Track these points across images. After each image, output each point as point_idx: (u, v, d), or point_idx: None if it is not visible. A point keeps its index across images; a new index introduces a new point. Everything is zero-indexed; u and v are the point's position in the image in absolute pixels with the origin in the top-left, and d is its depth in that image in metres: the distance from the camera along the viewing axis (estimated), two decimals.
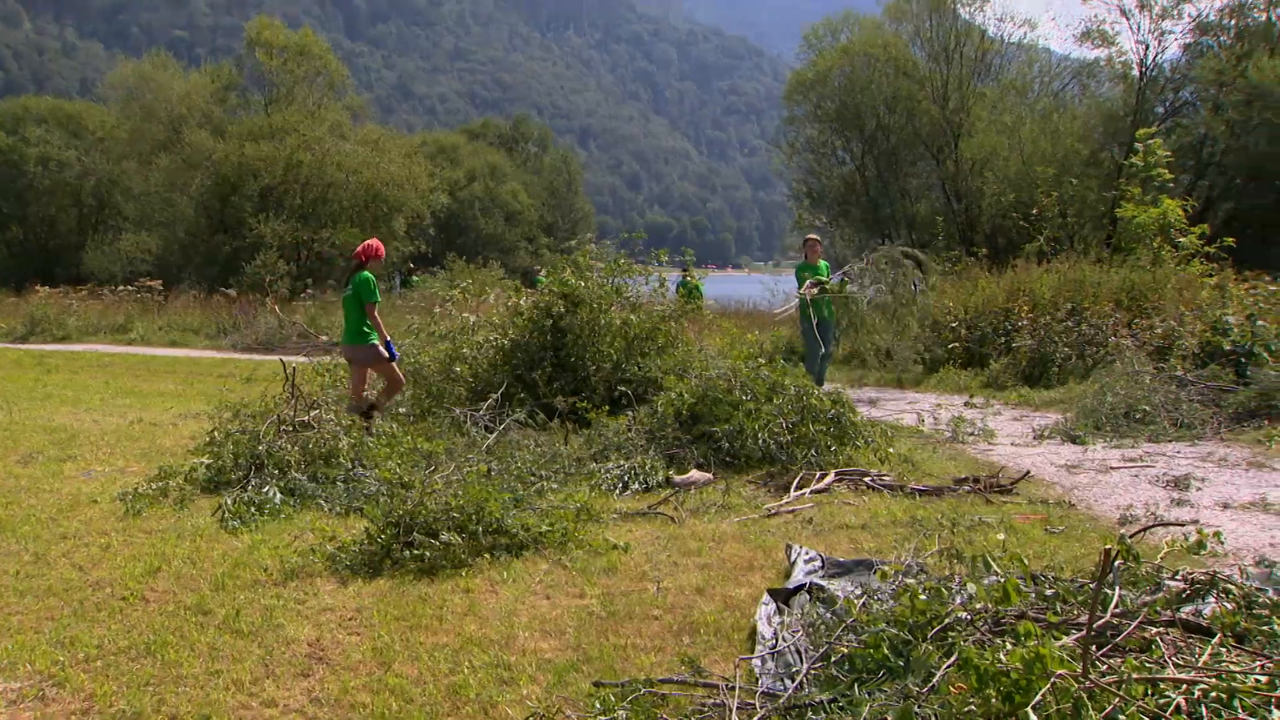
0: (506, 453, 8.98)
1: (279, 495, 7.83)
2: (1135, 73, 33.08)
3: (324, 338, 22.65)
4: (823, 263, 15.25)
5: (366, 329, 10.51)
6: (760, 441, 9.14)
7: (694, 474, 8.68)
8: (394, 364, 10.65)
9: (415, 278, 34.81)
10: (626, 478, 8.57)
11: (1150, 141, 22.39)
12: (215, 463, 8.66)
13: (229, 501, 7.67)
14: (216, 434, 9.10)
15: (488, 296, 13.85)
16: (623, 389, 10.93)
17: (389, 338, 10.65)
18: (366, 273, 10.58)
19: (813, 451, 9.17)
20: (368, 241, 10.92)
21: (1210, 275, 17.00)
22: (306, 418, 8.99)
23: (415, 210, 40.78)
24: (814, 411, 9.49)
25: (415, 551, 6.20)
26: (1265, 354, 12.66)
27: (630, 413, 10.12)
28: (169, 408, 13.97)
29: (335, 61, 43.09)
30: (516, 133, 72.93)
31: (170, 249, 39.22)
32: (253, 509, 7.57)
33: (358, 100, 48.80)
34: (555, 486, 8.22)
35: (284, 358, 12.31)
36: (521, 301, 12.33)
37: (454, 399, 11.13)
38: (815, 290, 14.50)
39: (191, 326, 27.91)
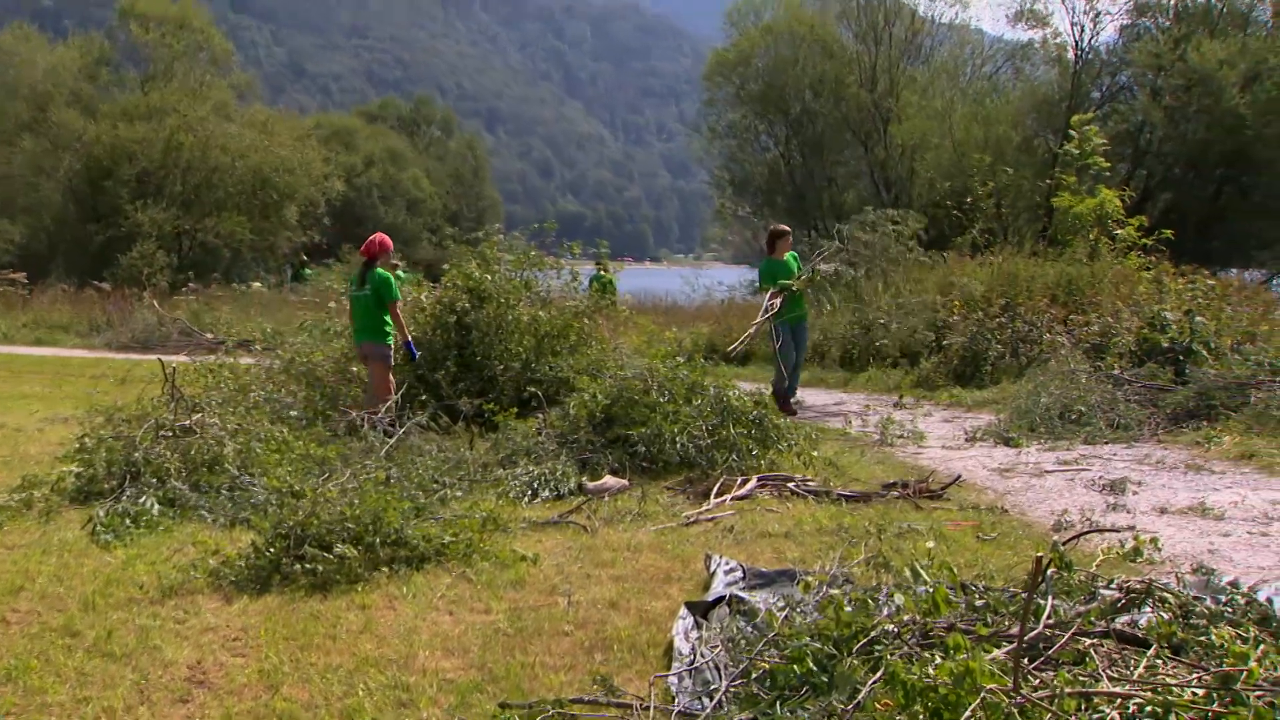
0: (407, 458, 8.90)
1: (157, 506, 7.70)
2: (1070, 55, 33.64)
3: (209, 335, 22.30)
4: (790, 255, 14.22)
5: (388, 327, 10.87)
6: (679, 445, 9.18)
7: (608, 480, 8.69)
8: (390, 373, 10.92)
9: (308, 270, 34.41)
10: (536, 484, 8.56)
11: (1086, 128, 22.82)
12: (86, 471, 8.47)
13: (101, 513, 7.52)
14: (87, 440, 8.92)
15: None
16: (532, 390, 10.91)
17: (408, 339, 11.04)
18: (381, 269, 10.92)
19: (734, 456, 9.22)
20: (374, 236, 11.30)
21: (1148, 269, 17.35)
22: (188, 422, 8.85)
23: (308, 198, 40.32)
24: (735, 413, 9.54)
25: (307, 565, 6.14)
26: (1204, 352, 12.94)
27: (540, 415, 10.10)
28: (34, 411, 13.64)
29: (219, 36, 42.45)
30: (418, 115, 72.35)
31: (36, 238, 38.28)
32: (127, 521, 7.42)
33: (244, 78, 48.09)
34: (460, 494, 8.19)
35: (163, 357, 12.09)
36: (423, 297, 12.26)
37: (350, 401, 11.03)
38: (777, 302, 13.70)
39: (60, 323, 27.28)
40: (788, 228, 14.72)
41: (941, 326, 16.97)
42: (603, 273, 20.67)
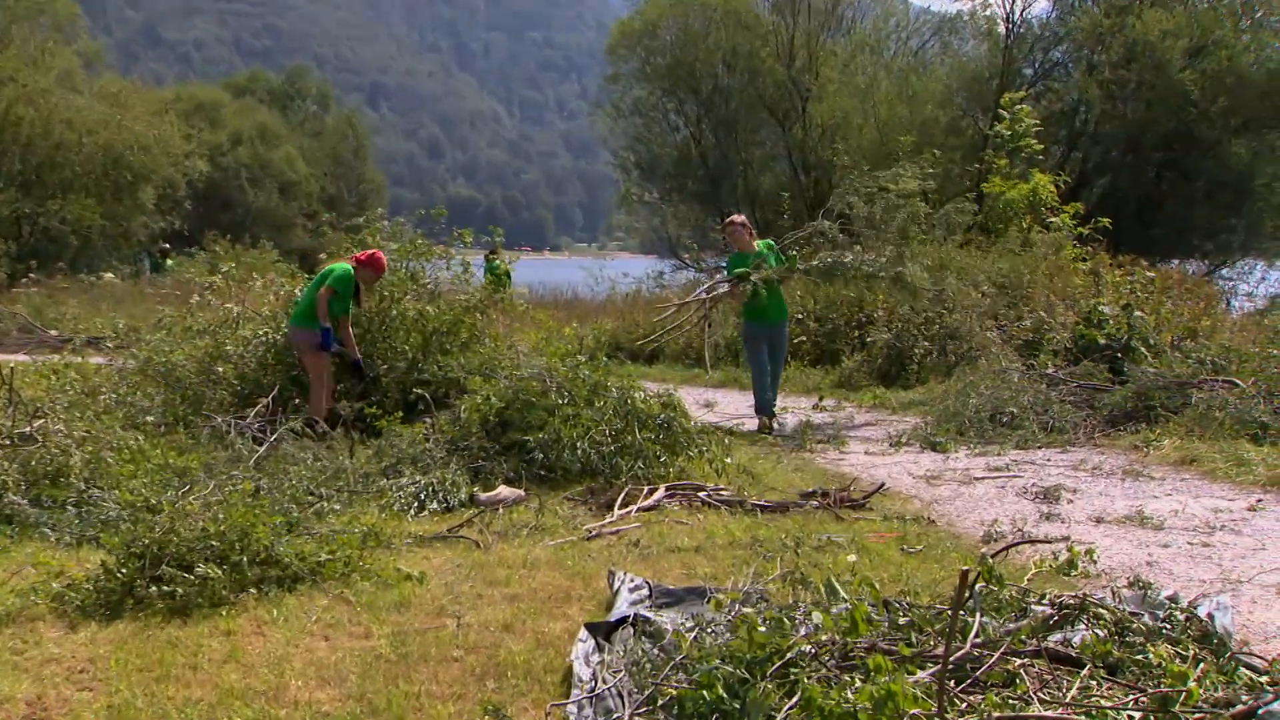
0: (279, 468, 8.80)
1: None
2: (1001, 29, 34.10)
3: (53, 332, 21.82)
4: (761, 244, 12.99)
5: (315, 314, 10.89)
6: (579, 452, 9.16)
7: (502, 490, 8.66)
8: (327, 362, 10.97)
9: (170, 260, 33.83)
10: (423, 496, 8.50)
11: (1017, 107, 23.20)
12: None
13: None
14: None
15: (257, 283, 13.53)
16: (419, 392, 10.84)
17: (328, 326, 10.96)
18: (350, 268, 11.04)
19: (640, 463, 9.22)
20: (375, 251, 11.44)
21: (1084, 260, 17.68)
22: (28, 429, 8.66)
23: (167, 179, 39.66)
24: (641, 417, 9.56)
25: (164, 588, 6.03)
26: (1143, 349, 13.22)
27: (428, 419, 10.04)
28: None
29: None
30: (292, 89, 71.48)
31: None
32: None
33: (93, 46, 47.17)
34: (338, 507, 8.10)
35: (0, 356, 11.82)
36: (298, 290, 12.13)
37: (215, 405, 10.86)
38: (723, 290, 13.02)
39: None
40: (739, 216, 13.62)
41: (865, 322, 17.15)
42: (496, 262, 20.60)
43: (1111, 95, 31.49)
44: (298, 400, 10.95)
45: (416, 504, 8.41)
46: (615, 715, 4.24)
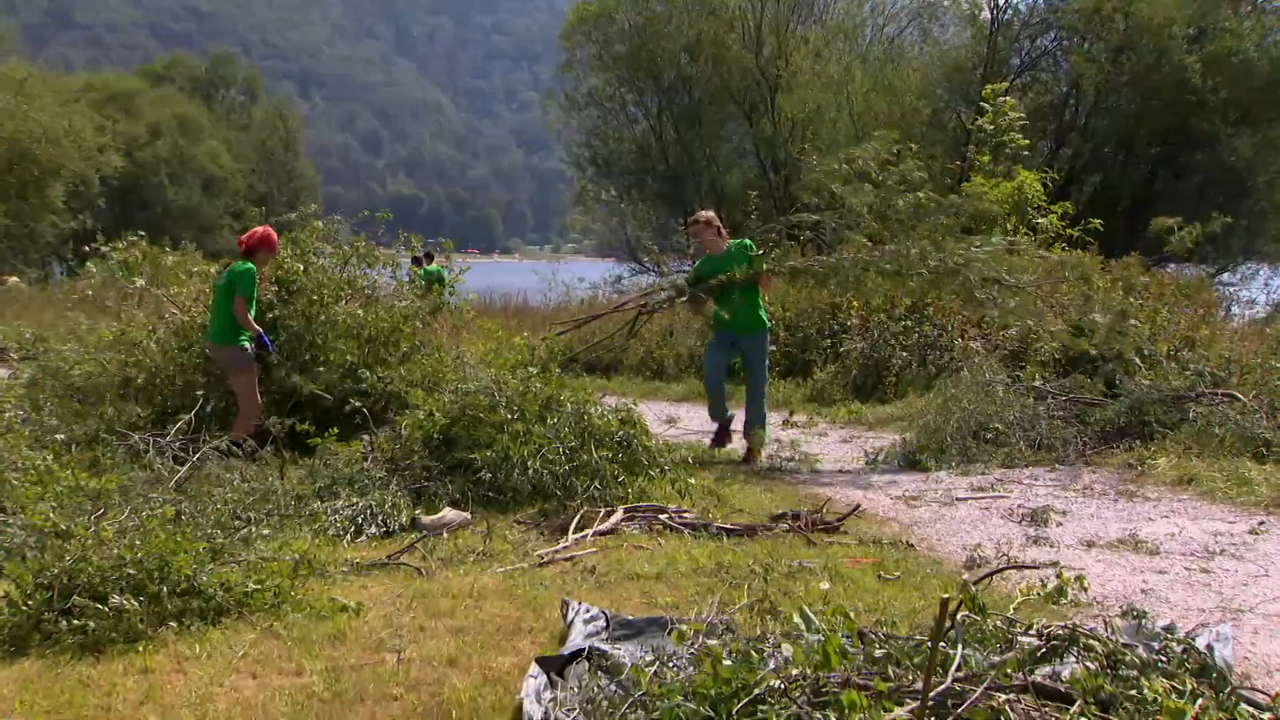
0: (202, 490, 8.75)
1: None
2: (986, 15, 34.27)
3: None
4: (737, 244, 12.28)
5: (236, 327, 10.88)
6: (531, 472, 9.16)
7: (447, 513, 8.65)
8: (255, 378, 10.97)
9: (97, 259, 33.43)
10: (361, 519, 8.48)
11: (1001, 100, 23.32)
12: None
13: None
14: None
15: (178, 287, 13.46)
16: (356, 403, 10.80)
17: (258, 330, 11.04)
18: (250, 264, 10.99)
19: (596, 484, 9.23)
20: (258, 228, 11.38)
21: (1074, 264, 17.75)
22: None
23: (78, 175, 39.42)
24: (598, 434, 9.57)
25: (75, 621, 5.99)
26: (1137, 360, 13.25)
27: (367, 436, 10.01)
28: None
29: None
30: (216, 76, 71.36)
31: None
32: None
33: None
34: (267, 533, 8.05)
35: None
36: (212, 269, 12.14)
37: (131, 421, 10.79)
38: (663, 296, 12.76)
39: None
40: (705, 213, 12.71)
41: (838, 331, 17.20)
42: (431, 265, 20.47)
43: (1104, 88, 31.67)
44: (226, 413, 10.90)
45: (353, 528, 8.39)
46: None
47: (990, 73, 31.53)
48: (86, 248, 34.53)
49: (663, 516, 8.67)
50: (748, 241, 12.31)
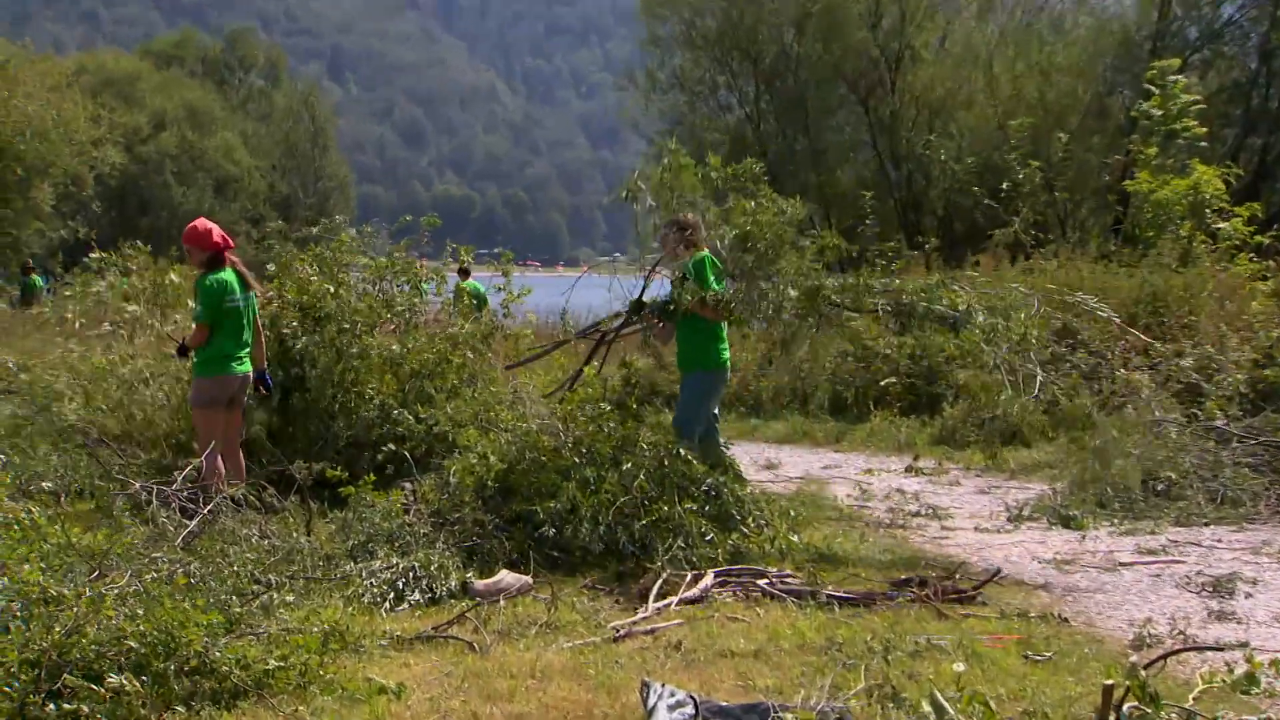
0: (215, 549, 8.81)
1: None
2: None
3: None
4: (692, 259, 11.46)
5: (209, 351, 10.72)
6: (602, 527, 9.15)
7: (504, 576, 8.68)
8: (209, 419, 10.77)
9: (36, 277, 33.79)
10: (402, 583, 8.51)
11: (1172, 80, 23.01)
12: None
13: None
14: None
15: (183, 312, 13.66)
16: (394, 449, 10.85)
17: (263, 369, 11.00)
18: (211, 275, 10.73)
19: (681, 541, 9.21)
20: (191, 225, 11.04)
21: (1264, 278, 17.48)
22: None
23: (69, 173, 39.85)
24: (681, 481, 9.54)
25: (66, 706, 6.04)
26: None
27: (409, 485, 10.06)
28: None
29: None
30: (231, 57, 72.10)
31: None
32: None
33: None
34: (291, 600, 8.11)
35: None
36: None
37: (133, 467, 10.92)
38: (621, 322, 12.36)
39: None
40: (689, 217, 11.98)
41: (971, 361, 17.08)
42: (471, 282, 20.46)
43: None
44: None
45: (393, 594, 8.42)
46: None
47: (1160, 48, 31.10)
48: (87, 257, 34.67)
49: (761, 581, 8.66)
50: (706, 255, 11.41)
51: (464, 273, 20.98)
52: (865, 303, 11.94)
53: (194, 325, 10.73)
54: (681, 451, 9.85)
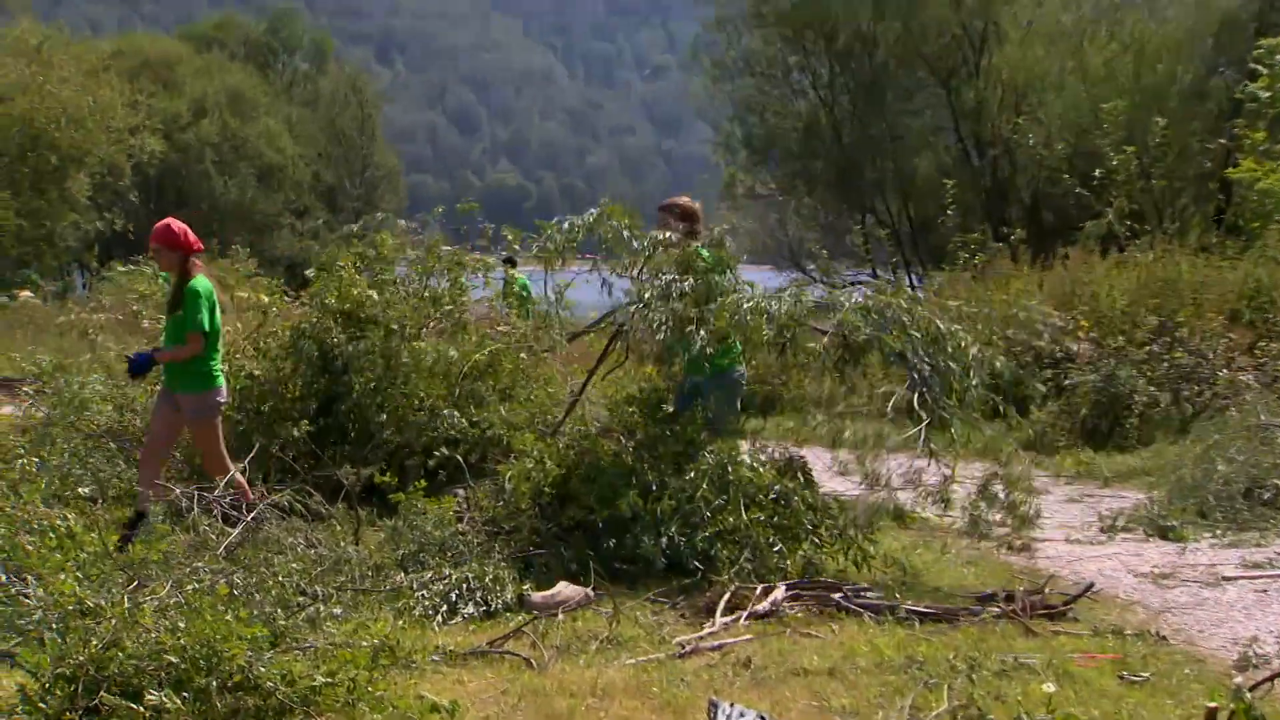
0: (259, 558, 8.86)
1: None
2: None
3: None
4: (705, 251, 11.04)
5: (209, 365, 10.58)
6: (665, 538, 9.15)
7: (563, 588, 8.69)
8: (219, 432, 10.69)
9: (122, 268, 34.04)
10: (455, 596, 8.55)
11: None
12: None
13: None
14: None
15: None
16: (446, 454, 10.88)
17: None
18: (199, 279, 10.57)
19: (748, 552, 9.20)
20: (169, 221, 10.84)
21: None
22: None
23: (105, 162, 40.02)
24: (748, 489, 9.53)
25: None
26: None
27: (461, 491, 10.08)
28: None
29: None
30: (275, 39, 72.40)
31: None
32: None
33: None
34: (339, 612, 8.15)
35: None
36: (267, 313, 12.27)
37: (173, 470, 10.99)
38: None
39: None
40: (681, 199, 11.92)
41: (1062, 359, 16.98)
42: (513, 273, 20.36)
43: None
44: (293, 461, 11.04)
45: (446, 607, 8.46)
46: None
47: (1267, 25, 30.74)
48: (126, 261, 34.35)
49: (836, 595, 8.65)
50: (702, 250, 10.92)
51: (510, 262, 20.90)
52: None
53: (187, 335, 10.44)
54: (747, 457, 9.84)
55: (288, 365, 11.69)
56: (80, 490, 10.81)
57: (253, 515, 9.62)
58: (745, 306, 9.86)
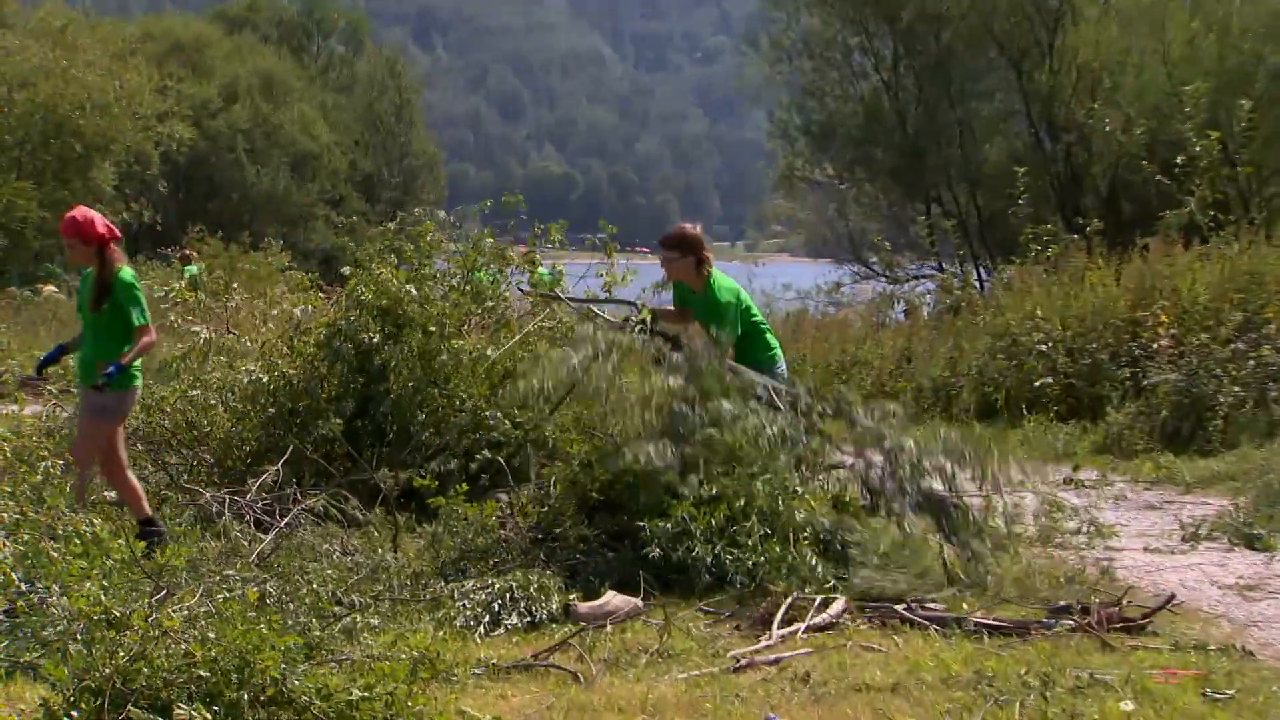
0: (293, 565, 8.90)
1: None
2: None
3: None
4: (715, 285, 11.24)
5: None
6: (716, 549, 9.11)
7: (611, 598, 8.70)
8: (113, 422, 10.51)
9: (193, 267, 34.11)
10: (498, 605, 8.56)
11: None
12: None
13: None
14: None
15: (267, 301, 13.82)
16: (489, 456, 10.89)
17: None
18: (126, 270, 10.45)
19: (796, 579, 9.13)
20: (76, 213, 10.68)
21: None
22: None
23: (133, 150, 40.15)
24: (797, 525, 9.46)
25: None
26: None
27: (504, 496, 10.10)
28: None
29: None
30: (309, 21, 72.65)
31: None
32: None
33: None
34: (376, 623, 8.17)
35: None
36: (297, 310, 12.29)
37: (203, 474, 11.04)
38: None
39: None
40: (685, 228, 11.83)
41: (1140, 357, 16.90)
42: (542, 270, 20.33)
43: None
44: (329, 464, 11.06)
45: (488, 618, 8.47)
46: None
47: None
48: (186, 251, 33.99)
49: (899, 606, 8.63)
50: (737, 290, 11.23)
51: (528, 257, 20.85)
52: None
53: (136, 329, 10.29)
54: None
55: (323, 365, 11.71)
56: (106, 494, 10.87)
57: (288, 519, 9.65)
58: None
